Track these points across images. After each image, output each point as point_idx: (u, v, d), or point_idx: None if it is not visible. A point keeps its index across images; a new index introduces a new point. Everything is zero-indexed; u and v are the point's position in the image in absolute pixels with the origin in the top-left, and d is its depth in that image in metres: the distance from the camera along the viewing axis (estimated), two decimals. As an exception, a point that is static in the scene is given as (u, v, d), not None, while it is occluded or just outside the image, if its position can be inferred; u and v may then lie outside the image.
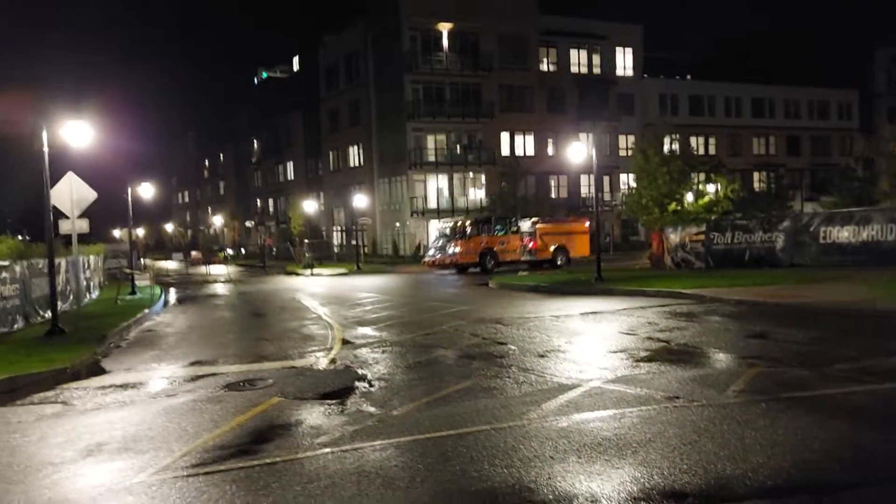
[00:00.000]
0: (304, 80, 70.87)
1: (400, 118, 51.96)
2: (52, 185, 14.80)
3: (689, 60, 66.37)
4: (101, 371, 11.09)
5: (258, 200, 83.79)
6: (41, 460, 6.35)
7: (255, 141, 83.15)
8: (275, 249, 67.72)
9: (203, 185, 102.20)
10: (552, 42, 56.26)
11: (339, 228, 63.88)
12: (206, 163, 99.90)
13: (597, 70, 58.46)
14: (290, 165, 75.02)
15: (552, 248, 34.99)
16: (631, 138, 57.71)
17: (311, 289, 28.01)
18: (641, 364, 9.19)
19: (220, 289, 31.50)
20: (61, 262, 18.99)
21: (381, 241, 56.65)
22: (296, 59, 75.57)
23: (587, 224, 37.37)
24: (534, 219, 36.86)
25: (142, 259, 54.52)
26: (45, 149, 13.56)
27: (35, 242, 18.38)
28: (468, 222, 34.93)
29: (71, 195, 14.94)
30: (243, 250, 79.11)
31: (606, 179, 55.75)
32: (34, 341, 13.62)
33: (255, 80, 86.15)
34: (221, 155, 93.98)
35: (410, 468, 5.54)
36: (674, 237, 27.03)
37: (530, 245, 34.59)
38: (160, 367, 11.20)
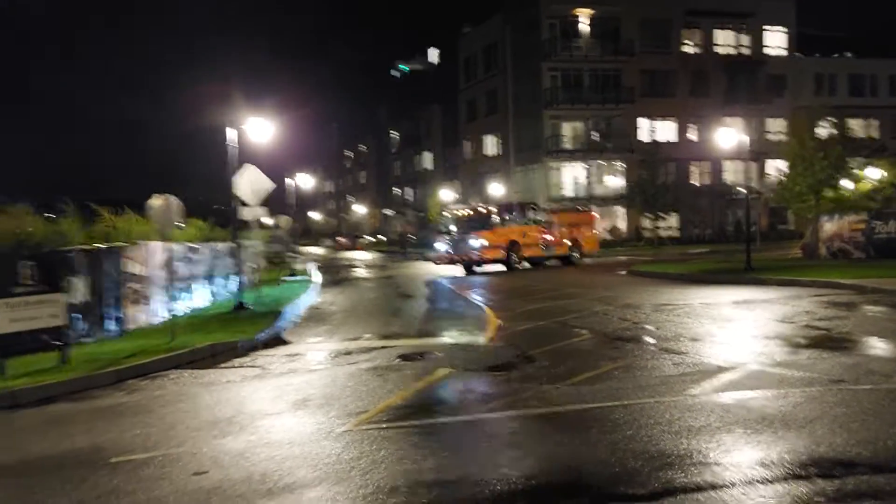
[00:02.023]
0: (442, 71, 72.50)
1: (537, 106, 52.15)
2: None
3: (848, 37, 61.71)
4: (284, 342, 12.43)
5: (397, 189, 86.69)
6: (259, 410, 7.47)
7: (394, 132, 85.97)
8: (413, 237, 69.99)
9: (345, 175, 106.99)
10: (696, 23, 54.23)
11: (475, 216, 65.02)
12: (349, 154, 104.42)
13: (745, 50, 55.75)
14: (427, 155, 77.07)
15: (567, 242, 30.89)
16: (781, 122, 54.68)
17: (453, 274, 29.06)
18: (801, 350, 9.22)
19: (368, 273, 33.30)
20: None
21: (517, 229, 57.14)
22: (435, 52, 77.35)
23: (595, 216, 35.14)
24: (547, 207, 33.40)
25: (295, 245, 58.08)
26: (234, 144, 15.19)
27: (215, 227, 20.44)
28: (493, 209, 29.68)
29: (251, 185, 16.59)
30: (383, 237, 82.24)
31: (753, 166, 53.17)
32: (223, 315, 15.36)
33: (396, 73, 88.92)
34: (363, 146, 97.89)
35: (584, 430, 6.09)
36: (829, 226, 25.70)
37: (548, 238, 30.09)
38: (334, 339, 12.39)
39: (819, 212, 27.39)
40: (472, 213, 30.23)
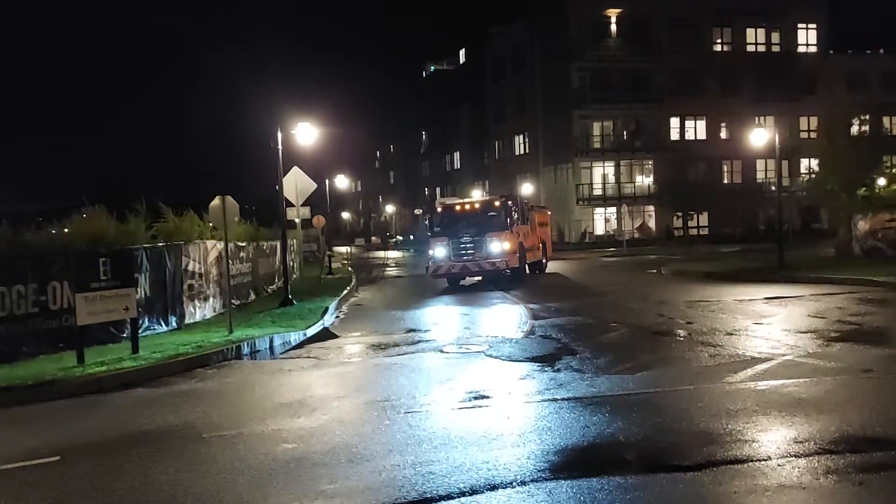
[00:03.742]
0: (470, 71, 73.02)
1: (566, 106, 52.44)
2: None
3: (882, 33, 60.97)
4: (333, 336, 13.08)
5: (426, 189, 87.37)
6: (325, 395, 8.12)
7: (423, 132, 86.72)
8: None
9: (374, 175, 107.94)
10: (727, 21, 54.07)
11: (504, 216, 65.41)
12: (377, 154, 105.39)
13: (776, 48, 55.44)
14: (456, 155, 77.68)
15: (540, 246, 26.25)
16: (814, 120, 54.30)
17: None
18: (833, 343, 9.64)
19: (401, 271, 33.97)
20: (276, 244, 21.78)
21: (546, 228, 57.52)
22: (462, 52, 77.95)
23: (549, 214, 31.80)
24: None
25: (329, 244, 58.98)
26: (280, 147, 15.91)
27: (260, 227, 21.23)
28: (509, 202, 22.77)
29: (296, 186, 17.31)
30: (412, 237, 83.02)
31: (785, 164, 52.75)
32: (271, 310, 16.06)
33: (423, 73, 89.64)
34: (391, 146, 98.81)
35: (629, 413, 6.62)
36: (863, 224, 25.76)
37: (531, 240, 24.81)
38: (379, 333, 13.01)
39: (852, 210, 27.44)
40: (475, 206, 22.97)
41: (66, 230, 11.99)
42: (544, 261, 26.74)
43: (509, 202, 22.75)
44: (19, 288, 10.59)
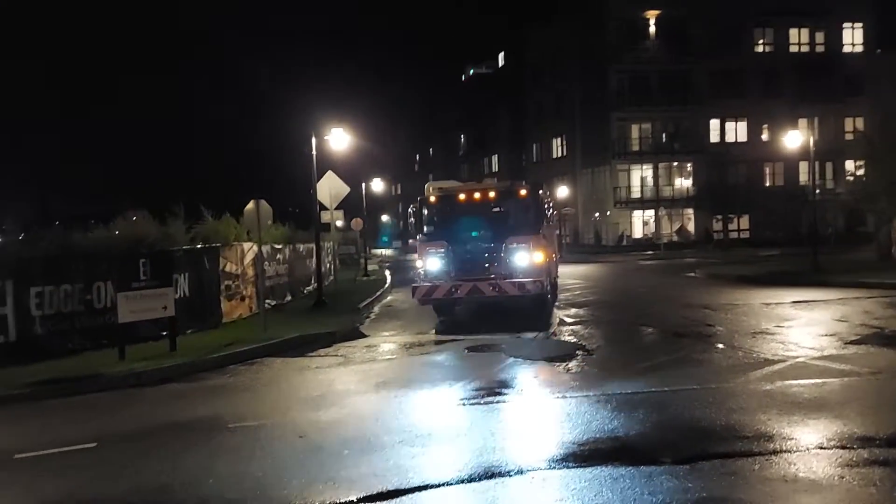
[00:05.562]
0: (509, 74, 73.21)
1: (604, 108, 52.27)
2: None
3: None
4: (362, 335, 13.49)
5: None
6: (346, 390, 8.53)
7: (462, 135, 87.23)
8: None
9: (413, 178, 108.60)
10: (769, 22, 53.23)
11: (541, 218, 65.37)
12: (417, 157, 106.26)
13: (820, 49, 54.36)
14: (495, 158, 77.92)
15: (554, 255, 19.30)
16: (860, 121, 53.06)
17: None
18: (850, 346, 9.69)
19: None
20: (312, 246, 22.35)
21: (583, 230, 57.37)
22: (501, 55, 78.25)
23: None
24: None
25: (366, 247, 59.72)
26: (314, 152, 16.44)
27: (298, 230, 21.83)
28: (539, 191, 16.05)
29: (329, 190, 17.84)
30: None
31: (829, 166, 51.85)
32: (305, 311, 16.60)
33: (463, 77, 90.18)
34: (431, 149, 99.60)
35: (632, 410, 6.85)
36: (904, 228, 25.27)
37: (552, 248, 18.71)
38: (407, 333, 13.40)
39: (892, 214, 26.89)
40: (489, 195, 15.03)
41: (116, 232, 12.63)
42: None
43: (539, 191, 16.13)
44: (66, 287, 11.25)
